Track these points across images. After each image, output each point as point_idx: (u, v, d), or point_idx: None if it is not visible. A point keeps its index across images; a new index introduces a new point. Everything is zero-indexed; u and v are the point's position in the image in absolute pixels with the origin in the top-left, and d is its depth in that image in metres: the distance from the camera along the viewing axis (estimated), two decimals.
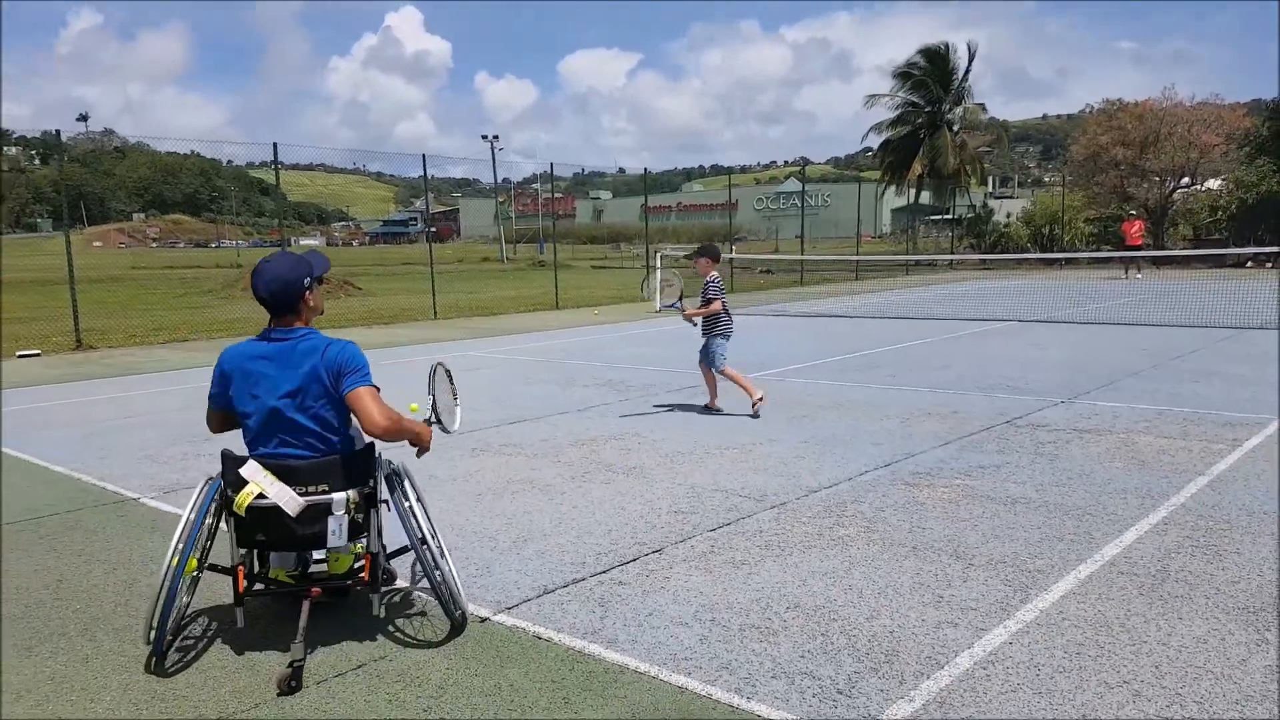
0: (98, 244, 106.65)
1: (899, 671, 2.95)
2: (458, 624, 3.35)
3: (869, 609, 3.44)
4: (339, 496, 3.23)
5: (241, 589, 3.32)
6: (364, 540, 3.39)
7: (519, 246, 79.49)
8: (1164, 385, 8.26)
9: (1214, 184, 40.03)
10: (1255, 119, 38.06)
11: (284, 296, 3.32)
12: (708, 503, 4.90)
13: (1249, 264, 31.50)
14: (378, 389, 3.34)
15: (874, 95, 49.72)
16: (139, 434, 7.38)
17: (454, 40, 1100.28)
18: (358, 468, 3.33)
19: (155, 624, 3.14)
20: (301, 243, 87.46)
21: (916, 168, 50.03)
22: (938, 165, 48.87)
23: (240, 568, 3.32)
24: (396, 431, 3.32)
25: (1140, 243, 26.08)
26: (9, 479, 5.98)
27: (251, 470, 3.20)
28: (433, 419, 3.69)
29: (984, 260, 37.01)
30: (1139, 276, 25.56)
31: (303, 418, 3.27)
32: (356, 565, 3.49)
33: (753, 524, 4.52)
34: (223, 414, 3.45)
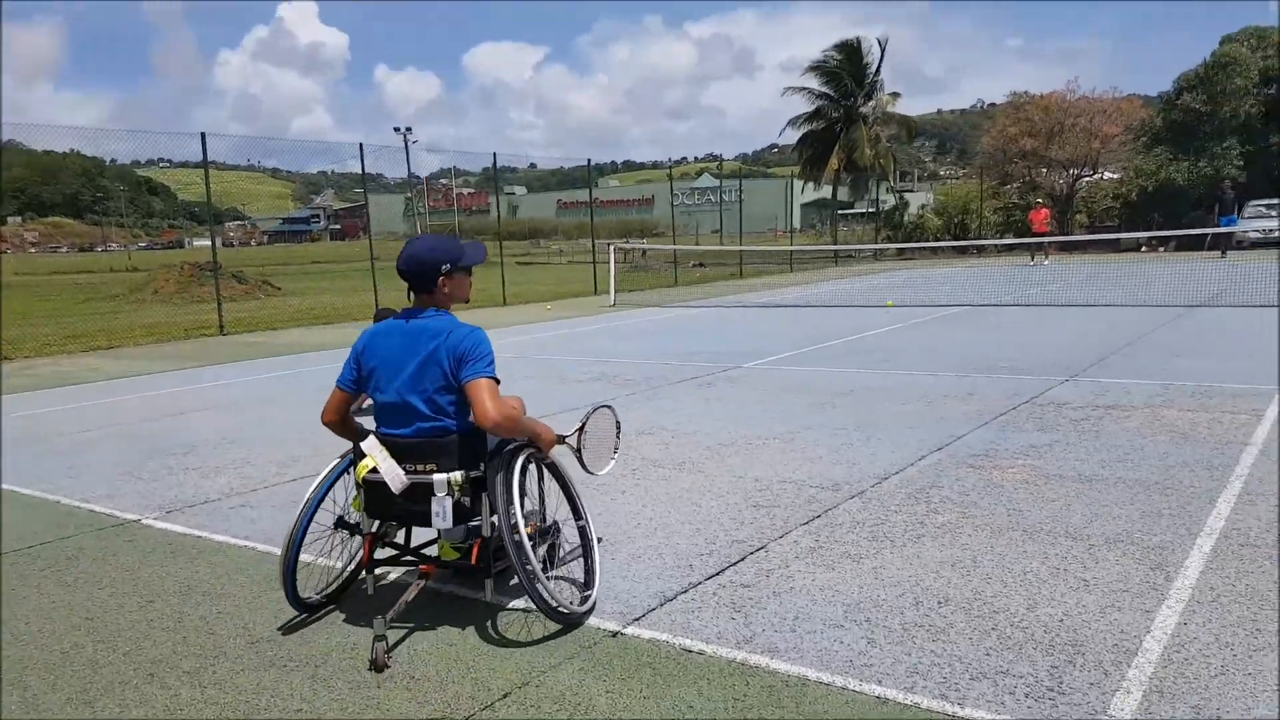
0: None
1: (1097, 662, 2.78)
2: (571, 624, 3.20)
3: (1024, 599, 3.27)
4: (440, 478, 3.18)
5: (366, 558, 3.43)
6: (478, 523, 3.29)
7: None
8: (1152, 362, 8.41)
9: (1112, 175, 41.90)
10: (1151, 110, 39.93)
11: (418, 276, 3.31)
12: (783, 495, 4.68)
13: (1143, 248, 33.06)
14: (498, 381, 3.19)
15: (792, 88, 50.25)
16: (106, 448, 6.74)
17: (351, 32, 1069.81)
18: (467, 451, 3.24)
19: (284, 580, 3.34)
20: (196, 244, 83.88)
21: (834, 161, 50.91)
22: (854, 158, 49.84)
23: (368, 537, 3.39)
24: (510, 428, 3.20)
25: (1046, 230, 26.99)
26: None
27: (370, 444, 3.27)
28: (574, 446, 3.56)
29: (900, 250, 37.86)
30: (1045, 262, 26.53)
31: (417, 398, 3.22)
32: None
33: (844, 515, 4.31)
34: (344, 399, 3.40)
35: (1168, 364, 8.23)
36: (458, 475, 3.20)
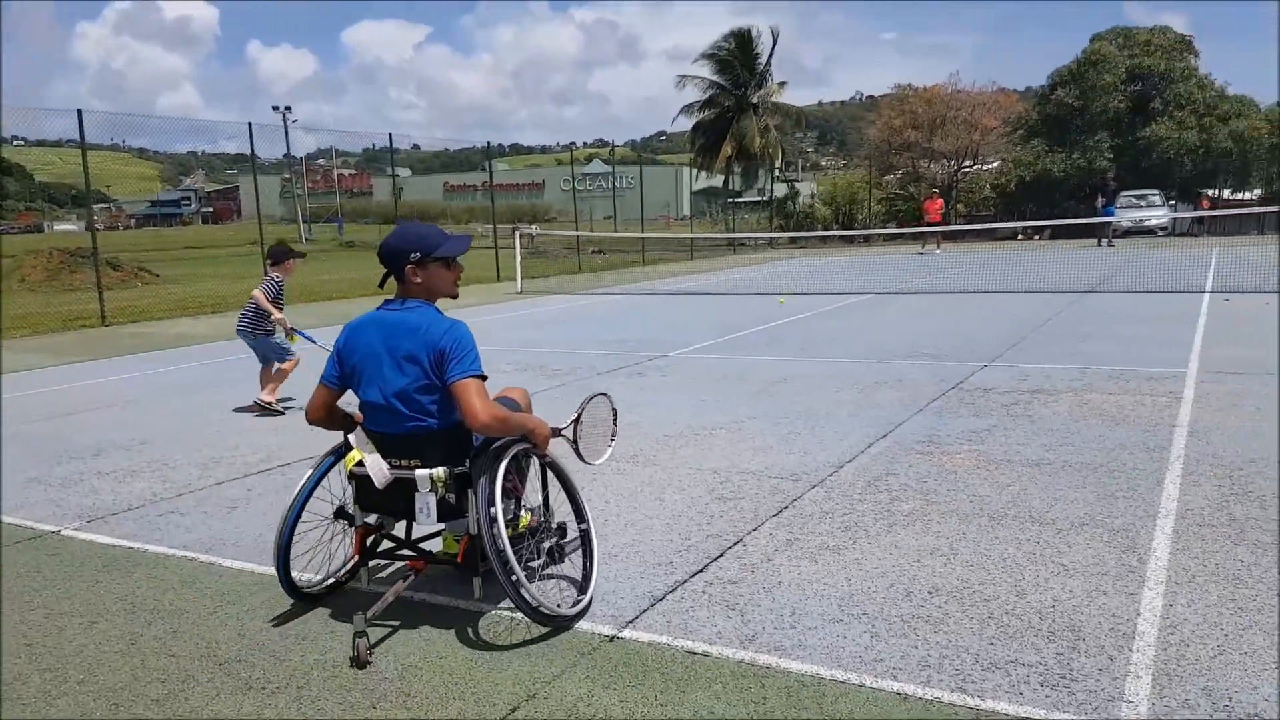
0: None
1: (1099, 647, 2.84)
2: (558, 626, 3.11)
3: (1010, 586, 3.32)
4: (422, 474, 3.11)
5: (356, 550, 3.40)
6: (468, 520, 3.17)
7: (314, 227, 74.73)
8: (1062, 347, 8.79)
9: (994, 164, 43.81)
10: (1027, 104, 41.87)
11: (389, 264, 3.25)
12: (745, 487, 4.65)
13: (1019, 236, 34.77)
14: (484, 377, 3.09)
15: (685, 76, 50.48)
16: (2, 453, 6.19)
17: (221, 6, 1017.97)
18: (452, 446, 3.17)
19: (276, 566, 3.30)
20: (57, 228, 78.71)
21: (726, 149, 51.47)
22: (745, 146, 50.50)
23: (359, 529, 3.36)
24: (501, 428, 3.09)
25: (939, 219, 28.03)
26: None
27: (357, 438, 3.27)
28: (570, 438, 3.46)
29: (793, 239, 38.59)
30: (936, 250, 27.52)
31: (397, 398, 3.14)
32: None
33: (811, 506, 4.31)
34: (329, 396, 3.32)
35: (1077, 348, 8.61)
36: (441, 471, 3.12)
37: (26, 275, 22.57)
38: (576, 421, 3.48)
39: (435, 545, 3.63)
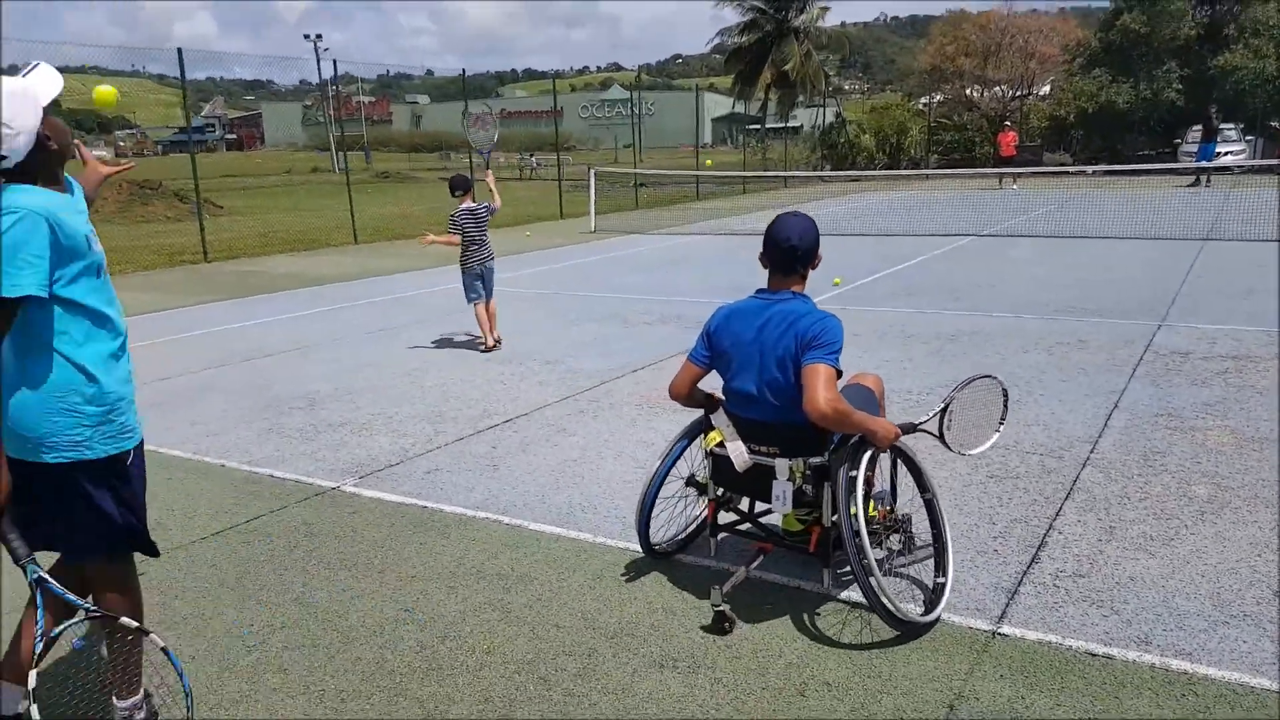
0: None
1: None
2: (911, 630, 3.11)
3: None
4: (782, 463, 3.17)
5: (710, 519, 3.57)
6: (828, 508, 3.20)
7: (340, 156, 73.83)
8: (1228, 302, 8.56)
9: (1045, 89, 42.59)
10: (1088, 30, 40.44)
11: (795, 258, 3.27)
12: (1010, 463, 4.66)
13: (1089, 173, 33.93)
14: (840, 372, 3.08)
15: None
16: (216, 401, 6.30)
17: None
18: (809, 438, 3.19)
19: (639, 530, 3.56)
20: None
21: (766, 76, 50.26)
22: (786, 73, 49.28)
23: (712, 502, 3.51)
24: (837, 421, 3.06)
25: (1014, 154, 27.36)
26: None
27: (719, 419, 3.35)
28: (934, 431, 3.40)
29: (823, 176, 37.53)
30: (1015, 187, 26.85)
31: (768, 387, 3.19)
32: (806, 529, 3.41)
33: (1098, 488, 4.32)
34: (696, 374, 3.41)
35: (1247, 306, 8.39)
36: (799, 462, 3.17)
37: (98, 208, 22.59)
38: (944, 411, 3.43)
39: (774, 520, 3.68)
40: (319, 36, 63.91)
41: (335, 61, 56.90)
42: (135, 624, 2.42)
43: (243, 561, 3.81)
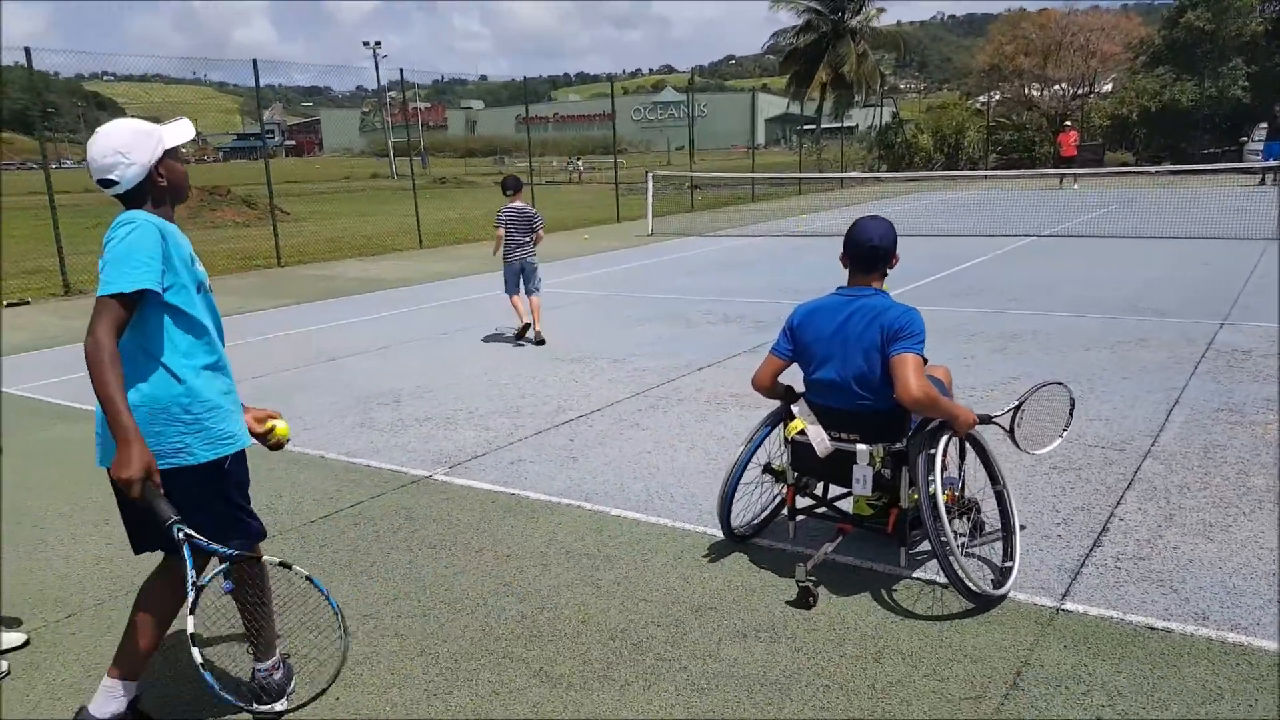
0: None
1: None
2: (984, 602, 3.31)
3: None
4: (862, 448, 3.41)
5: (789, 504, 3.80)
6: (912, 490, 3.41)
7: (397, 161, 75.19)
8: None
9: (1107, 86, 41.84)
10: (1151, 27, 39.69)
11: (876, 258, 3.52)
12: (1074, 456, 4.82)
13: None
14: (925, 360, 3.33)
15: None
16: (307, 397, 6.68)
17: None
18: (889, 425, 3.43)
19: (720, 515, 3.83)
20: None
21: (821, 76, 50.15)
22: (842, 74, 49.14)
23: (790, 487, 3.73)
24: (929, 405, 3.31)
25: (1075, 154, 27.02)
26: None
27: (800, 409, 3.60)
28: (1006, 426, 3.61)
29: (911, 178, 37.45)
30: (1075, 187, 26.53)
31: (850, 378, 3.42)
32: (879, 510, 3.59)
33: (1159, 479, 4.47)
34: (779, 367, 3.63)
35: None
36: (880, 447, 3.41)
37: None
38: (1017, 409, 3.64)
39: (846, 505, 3.89)
40: (378, 43, 65.06)
41: (400, 71, 57.85)
42: (276, 560, 2.71)
43: (351, 542, 4.14)
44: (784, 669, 3.00)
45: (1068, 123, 30.92)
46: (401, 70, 60.92)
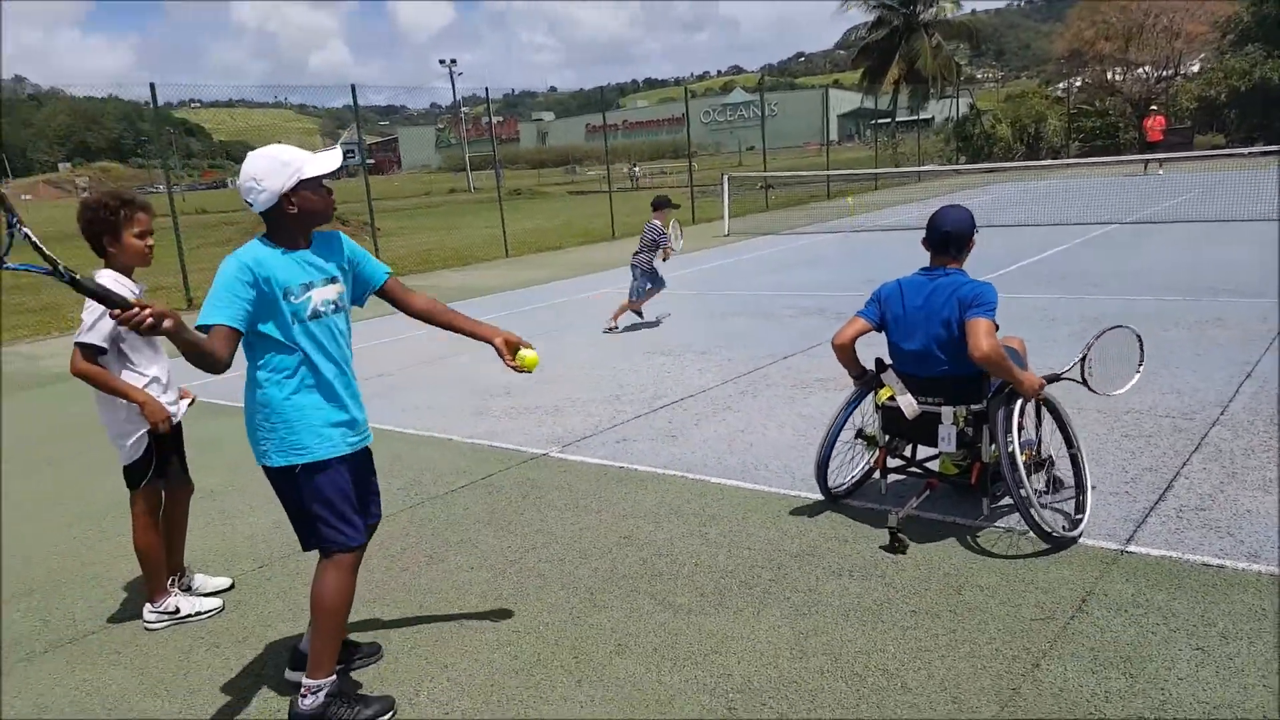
0: (27, 197, 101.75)
1: None
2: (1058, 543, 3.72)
3: None
4: (947, 410, 3.87)
5: (880, 464, 4.21)
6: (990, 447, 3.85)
7: (473, 175, 76.92)
8: None
9: (1195, 67, 40.60)
10: (1239, 4, 38.42)
11: (956, 243, 3.96)
12: (1145, 425, 5.14)
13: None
14: (997, 326, 3.73)
15: None
16: (426, 392, 7.38)
17: None
18: (970, 388, 3.87)
19: (816, 473, 4.29)
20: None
21: (894, 71, 49.83)
22: (916, 68, 48.77)
23: (882, 449, 4.17)
24: (996, 363, 3.70)
25: (1161, 138, 26.47)
26: None
27: (889, 377, 4.05)
28: (1077, 378, 3.92)
29: (991, 169, 37.11)
30: (1160, 172, 25.98)
31: (934, 346, 3.84)
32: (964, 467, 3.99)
33: (1225, 444, 4.76)
34: (863, 329, 4.08)
35: None
36: (962, 409, 3.87)
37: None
38: (1083, 360, 3.97)
39: (932, 465, 4.32)
40: (454, 61, 67.14)
41: (485, 89, 59.52)
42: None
43: (489, 505, 4.76)
44: (876, 599, 3.47)
45: (1153, 107, 30.22)
46: (487, 89, 62.60)
